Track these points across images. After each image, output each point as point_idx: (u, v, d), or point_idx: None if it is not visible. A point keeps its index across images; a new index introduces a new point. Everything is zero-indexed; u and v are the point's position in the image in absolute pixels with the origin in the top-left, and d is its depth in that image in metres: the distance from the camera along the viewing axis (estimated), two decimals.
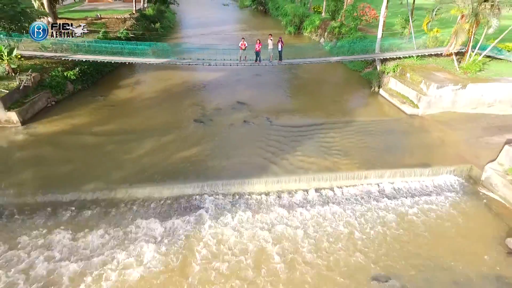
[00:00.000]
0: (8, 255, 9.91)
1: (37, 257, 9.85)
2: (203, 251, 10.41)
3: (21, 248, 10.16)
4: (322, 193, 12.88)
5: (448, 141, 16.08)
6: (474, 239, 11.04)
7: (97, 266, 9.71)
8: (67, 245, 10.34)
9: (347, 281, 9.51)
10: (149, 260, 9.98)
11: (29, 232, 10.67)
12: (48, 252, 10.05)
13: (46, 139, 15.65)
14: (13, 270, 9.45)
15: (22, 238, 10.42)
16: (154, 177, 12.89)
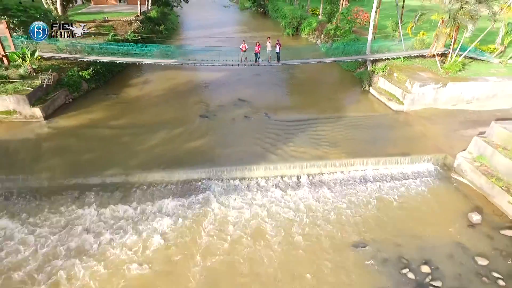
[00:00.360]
0: (47, 225, 11.75)
1: (71, 227, 11.69)
2: (210, 226, 12.23)
3: (58, 220, 12.00)
4: (313, 178, 14.73)
5: (428, 134, 17.92)
6: (443, 214, 12.88)
7: (121, 234, 11.54)
8: (94, 218, 12.18)
9: (332, 248, 11.33)
10: (165, 230, 11.82)
11: (63, 207, 12.51)
12: (79, 222, 11.90)
13: (68, 131, 17.50)
14: (54, 235, 11.29)
15: (59, 211, 12.28)
16: (166, 164, 14.73)
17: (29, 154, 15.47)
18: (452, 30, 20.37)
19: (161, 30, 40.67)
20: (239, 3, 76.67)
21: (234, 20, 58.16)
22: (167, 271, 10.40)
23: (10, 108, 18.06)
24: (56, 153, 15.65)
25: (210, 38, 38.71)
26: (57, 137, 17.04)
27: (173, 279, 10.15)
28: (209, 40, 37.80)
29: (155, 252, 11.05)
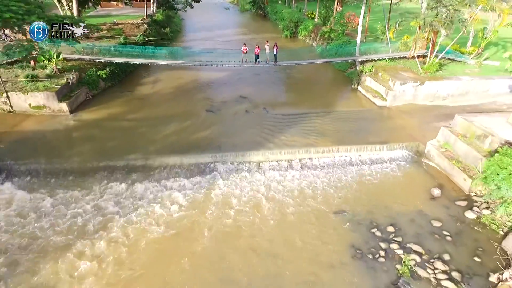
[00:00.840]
0: (84, 199, 14.37)
1: (104, 198, 14.31)
2: (216, 199, 14.81)
3: (92, 195, 14.63)
4: (303, 162, 17.33)
5: (406, 125, 20.53)
6: (411, 190, 15.49)
7: (145, 204, 14.15)
8: (123, 192, 14.78)
9: (317, 216, 13.91)
10: (181, 202, 14.42)
11: (95, 184, 15.13)
12: (109, 195, 14.51)
13: (91, 123, 20.13)
14: (91, 204, 13.91)
15: (93, 189, 14.90)
16: (179, 150, 17.33)
17: (61, 142, 18.09)
18: (429, 34, 22.97)
19: (166, 33, 43.24)
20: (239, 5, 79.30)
21: (235, 22, 60.71)
22: (181, 233, 12.95)
23: (41, 103, 20.69)
24: (84, 141, 18.28)
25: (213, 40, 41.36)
26: (82, 128, 19.67)
27: (187, 240, 12.70)
28: (212, 42, 40.45)
29: (172, 218, 13.61)
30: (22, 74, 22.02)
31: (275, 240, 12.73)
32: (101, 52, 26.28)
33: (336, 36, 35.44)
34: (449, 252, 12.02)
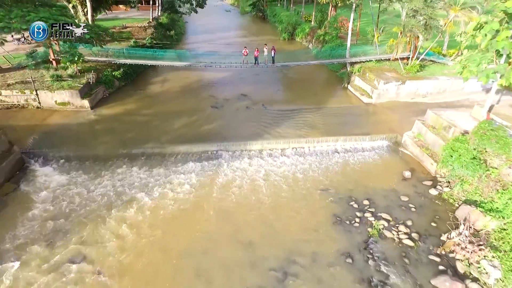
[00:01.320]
0: (111, 179, 17.12)
1: (128, 180, 17.06)
2: (221, 180, 17.52)
3: (118, 176, 17.38)
4: (296, 150, 20.07)
5: (388, 120, 23.26)
6: (386, 173, 18.21)
7: (161, 184, 16.88)
8: (141, 175, 17.52)
9: (306, 193, 16.64)
10: (192, 182, 17.15)
11: (118, 168, 17.88)
12: (131, 178, 17.25)
13: (110, 118, 22.88)
14: (117, 184, 16.66)
15: (117, 171, 17.65)
16: (188, 140, 20.06)
17: (86, 134, 20.84)
18: (410, 39, 25.71)
19: (172, 35, 45.98)
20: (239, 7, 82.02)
21: (235, 25, 63.39)
22: (192, 207, 15.67)
23: (65, 100, 23.45)
24: (106, 132, 21.02)
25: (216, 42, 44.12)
26: (103, 122, 22.43)
27: (197, 212, 15.42)
28: (215, 44, 43.20)
29: (185, 195, 16.33)
30: (47, 74, 24.74)
31: (270, 210, 15.45)
32: (115, 55, 29.03)
33: (330, 39, 38.12)
34: (412, 219, 14.77)
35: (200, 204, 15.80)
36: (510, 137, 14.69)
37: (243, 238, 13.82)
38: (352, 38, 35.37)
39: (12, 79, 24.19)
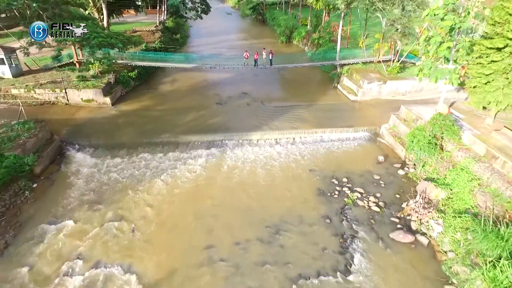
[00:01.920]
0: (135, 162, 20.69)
1: (149, 163, 20.63)
2: (226, 163, 21.08)
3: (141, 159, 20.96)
4: (289, 139, 23.63)
5: (370, 115, 26.81)
6: (365, 158, 21.76)
7: (177, 166, 20.44)
8: (161, 159, 21.09)
9: (296, 173, 20.19)
10: (202, 164, 20.71)
11: (142, 154, 21.46)
12: (153, 162, 20.82)
13: (129, 113, 26.45)
14: (142, 165, 20.24)
15: (140, 156, 21.23)
16: (198, 131, 23.62)
17: (110, 126, 24.40)
18: (391, 44, 29.25)
19: (177, 39, 49.55)
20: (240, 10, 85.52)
21: (237, 28, 66.90)
22: (203, 184, 19.22)
23: (90, 97, 27.02)
24: (127, 125, 24.58)
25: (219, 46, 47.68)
26: (123, 116, 26.00)
27: (207, 187, 18.96)
28: (217, 47, 46.75)
29: (197, 175, 19.90)
30: (73, 75, 28.33)
31: (266, 187, 19.01)
32: (129, 57, 32.57)
33: (323, 43, 41.65)
34: (381, 192, 18.35)
35: (209, 181, 19.36)
36: (456, 125, 18.25)
37: (244, 207, 17.38)
38: (344, 41, 39.05)
39: (43, 79, 27.74)
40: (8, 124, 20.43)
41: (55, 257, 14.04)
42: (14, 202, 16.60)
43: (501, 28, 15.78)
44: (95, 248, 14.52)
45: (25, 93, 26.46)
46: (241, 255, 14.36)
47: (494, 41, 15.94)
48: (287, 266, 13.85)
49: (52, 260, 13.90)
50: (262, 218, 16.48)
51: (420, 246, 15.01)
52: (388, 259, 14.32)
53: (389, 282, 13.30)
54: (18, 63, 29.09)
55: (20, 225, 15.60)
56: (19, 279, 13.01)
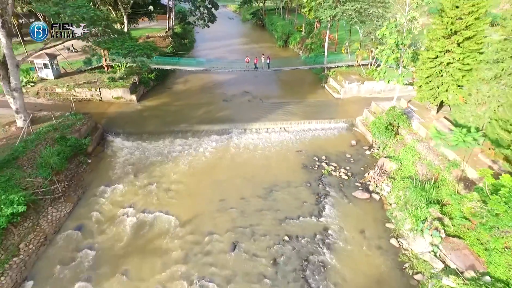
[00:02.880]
0: (162, 145, 26.59)
1: (172, 146, 26.54)
2: (232, 145, 26.96)
3: (166, 143, 26.87)
4: (282, 129, 29.51)
5: (350, 109, 32.66)
6: (340, 142, 27.64)
7: (195, 147, 26.32)
8: (181, 142, 26.98)
9: (286, 154, 26.06)
10: (213, 146, 26.60)
11: (166, 139, 27.36)
12: (175, 145, 26.70)
13: (152, 107, 32.34)
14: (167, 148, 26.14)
15: (164, 140, 27.13)
16: (209, 121, 29.50)
17: (138, 118, 30.25)
18: (368, 51, 35.10)
19: (186, 43, 55.35)
20: (241, 15, 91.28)
21: (238, 32, 72.65)
22: (215, 161, 25.08)
23: (119, 95, 32.88)
24: (151, 117, 30.44)
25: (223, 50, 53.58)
26: (147, 110, 31.88)
27: (218, 163, 24.81)
28: (222, 51, 52.64)
29: (210, 154, 25.76)
30: (103, 76, 34.19)
31: (263, 163, 24.87)
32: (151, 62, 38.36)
33: (315, 48, 47.49)
34: (350, 166, 24.23)
35: (219, 159, 25.25)
36: (405, 115, 24.18)
37: (247, 176, 23.25)
38: (333, 47, 44.86)
39: (80, 80, 33.61)
40: (64, 115, 26.28)
41: (113, 206, 19.94)
42: (77, 171, 22.51)
43: (434, 43, 21.63)
44: (140, 201, 20.41)
45: (67, 92, 32.34)
46: (245, 205, 20.26)
47: (429, 53, 21.81)
48: (277, 212, 19.75)
49: (112, 208, 19.79)
50: (260, 183, 22.37)
51: (374, 201, 20.91)
52: (349, 209, 20.22)
53: (348, 222, 19.18)
54: (58, 67, 34.99)
55: (85, 186, 21.51)
56: (93, 218, 18.91)
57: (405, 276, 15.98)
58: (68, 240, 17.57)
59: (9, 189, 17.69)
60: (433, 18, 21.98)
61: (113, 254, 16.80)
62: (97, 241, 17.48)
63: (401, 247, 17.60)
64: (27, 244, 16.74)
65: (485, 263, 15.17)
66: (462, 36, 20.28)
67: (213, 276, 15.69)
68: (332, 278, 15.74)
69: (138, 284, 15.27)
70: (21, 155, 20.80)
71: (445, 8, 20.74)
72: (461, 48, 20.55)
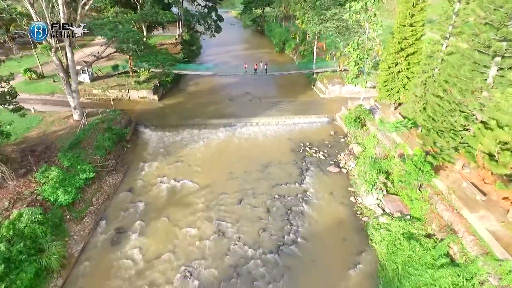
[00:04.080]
0: (181, 134, 34.10)
1: (191, 135, 34.04)
2: (237, 135, 34.42)
3: (185, 133, 34.39)
4: (276, 122, 36.97)
5: (331, 107, 40.10)
6: (322, 132, 35.09)
7: (207, 136, 33.79)
8: (198, 132, 34.46)
9: (277, 141, 33.52)
10: (222, 136, 34.08)
11: (185, 131, 34.85)
12: (191, 135, 34.19)
13: (171, 105, 39.84)
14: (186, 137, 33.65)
15: (183, 131, 34.63)
16: (218, 117, 36.96)
17: (160, 113, 37.73)
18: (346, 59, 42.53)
19: (194, 49, 62.75)
20: (242, 21, 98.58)
21: (240, 39, 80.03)
22: (223, 146, 32.51)
23: (144, 95, 40.35)
24: (171, 113, 37.90)
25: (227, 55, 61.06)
26: (167, 108, 39.36)
27: (226, 148, 32.25)
28: (226, 56, 60.10)
29: (219, 141, 33.23)
30: (130, 80, 41.65)
31: (261, 148, 32.32)
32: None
33: (307, 54, 54.88)
34: (327, 150, 31.71)
35: (227, 145, 32.71)
36: (369, 111, 31.64)
37: (248, 156, 30.70)
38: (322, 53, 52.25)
39: (111, 83, 41.05)
40: (106, 111, 33.72)
41: (152, 176, 27.40)
42: (121, 153, 30.00)
43: (388, 57, 29.05)
44: (171, 173, 27.85)
45: (102, 92, 39.80)
46: (247, 175, 27.74)
47: (384, 64, 29.27)
48: (271, 180, 27.23)
49: (150, 177, 27.26)
50: (258, 161, 29.81)
51: (342, 174, 28.37)
52: (323, 179, 27.68)
53: (322, 187, 26.62)
54: (92, 72, 42.46)
55: (129, 163, 29.00)
56: (138, 184, 26.40)
57: (357, 219, 23.45)
58: (124, 197, 25.06)
59: (80, 162, 25.18)
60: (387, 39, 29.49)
61: (156, 206, 24.26)
62: (144, 198, 24.95)
63: (356, 202, 25.08)
64: (97, 199, 24.25)
65: (409, 209, 22.66)
66: (406, 52, 27.74)
67: (226, 218, 23.14)
68: (307, 220, 23.20)
69: (176, 223, 22.72)
70: (82, 140, 28.25)
71: (394, 32, 28.20)
72: (406, 61, 28.01)
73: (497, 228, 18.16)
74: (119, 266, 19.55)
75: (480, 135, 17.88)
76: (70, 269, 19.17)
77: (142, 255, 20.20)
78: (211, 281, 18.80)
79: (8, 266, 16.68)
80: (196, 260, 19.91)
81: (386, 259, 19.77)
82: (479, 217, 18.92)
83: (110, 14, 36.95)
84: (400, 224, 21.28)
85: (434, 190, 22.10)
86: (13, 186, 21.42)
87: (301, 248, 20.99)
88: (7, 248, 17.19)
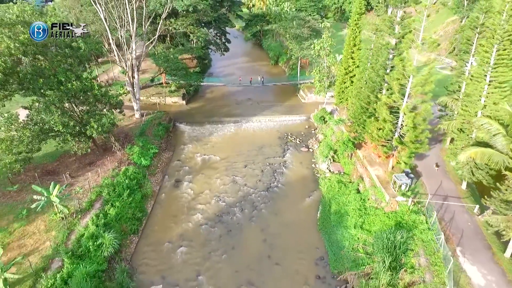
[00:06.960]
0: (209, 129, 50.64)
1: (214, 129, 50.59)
2: (243, 128, 50.86)
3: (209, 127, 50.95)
4: (269, 120, 53.42)
5: (309, 109, 56.40)
6: (300, 127, 51.50)
7: (222, 129, 50.27)
8: (216, 127, 50.95)
9: (269, 133, 49.96)
10: (232, 129, 50.54)
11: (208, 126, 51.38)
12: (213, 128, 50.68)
13: (195, 108, 56.38)
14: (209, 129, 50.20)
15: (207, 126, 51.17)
16: (229, 116, 53.41)
17: (189, 114, 54.20)
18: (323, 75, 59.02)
19: (206, 63, 79.07)
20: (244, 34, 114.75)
21: (242, 52, 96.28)
22: (233, 137, 48.93)
23: (176, 101, 56.77)
24: (197, 113, 54.36)
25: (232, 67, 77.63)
26: (193, 109, 55.87)
27: (235, 138, 48.67)
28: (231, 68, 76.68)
29: (230, 133, 49.66)
30: (164, 89, 58.07)
31: (258, 137, 48.78)
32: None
33: (295, 68, 71.09)
34: (302, 137, 48.25)
35: (236, 135, 49.19)
36: (329, 112, 48.11)
37: (251, 141, 47.16)
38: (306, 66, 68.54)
39: (151, 92, 57.45)
40: (155, 112, 50.10)
41: (190, 153, 43.91)
42: (168, 139, 46.50)
43: (340, 76, 45.40)
44: (202, 151, 44.32)
45: (146, 98, 56.22)
46: (249, 152, 44.27)
47: (338, 80, 45.67)
48: (264, 155, 43.77)
49: (190, 154, 43.78)
50: (256, 144, 46.25)
51: (309, 152, 44.92)
52: (297, 155, 44.18)
53: (296, 160, 43.10)
54: None
55: (174, 146, 45.52)
56: (183, 156, 42.93)
57: (314, 176, 39.96)
58: (176, 164, 41.57)
59: (148, 143, 41.64)
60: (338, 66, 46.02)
61: (196, 169, 40.72)
62: (188, 165, 41.44)
63: (315, 167, 41.58)
64: (161, 164, 40.75)
65: (344, 169, 39.17)
66: (350, 75, 44.18)
67: (238, 175, 39.61)
68: (285, 176, 39.67)
69: (209, 177, 39.17)
70: (145, 130, 44.67)
71: (343, 62, 44.65)
72: (350, 80, 44.44)
73: (381, 174, 34.57)
74: (181, 196, 36.09)
75: (371, 125, 34.26)
76: (155, 197, 35.71)
77: (192, 191, 36.72)
78: (231, 203, 35.31)
79: (130, 190, 33.16)
80: (222, 193, 36.45)
81: (325, 193, 36.31)
82: (374, 169, 35.34)
83: (161, 49, 53.40)
84: (337, 176, 37.76)
85: (357, 157, 38.55)
86: (119, 154, 37.85)
87: (280, 189, 37.52)
88: (127, 183, 33.68)
